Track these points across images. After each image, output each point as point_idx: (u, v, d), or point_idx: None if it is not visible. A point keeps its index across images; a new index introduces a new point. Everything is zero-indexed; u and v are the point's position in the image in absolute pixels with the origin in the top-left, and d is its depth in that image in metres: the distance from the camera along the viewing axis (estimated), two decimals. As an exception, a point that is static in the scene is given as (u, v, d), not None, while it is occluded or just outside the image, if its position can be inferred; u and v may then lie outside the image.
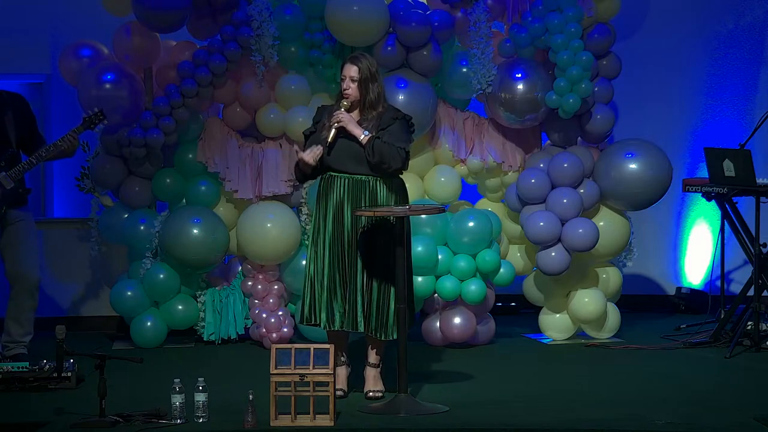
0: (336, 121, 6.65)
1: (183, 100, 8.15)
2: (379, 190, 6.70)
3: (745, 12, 9.61)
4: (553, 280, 8.31)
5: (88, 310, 8.96)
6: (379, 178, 6.69)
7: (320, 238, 6.73)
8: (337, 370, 6.74)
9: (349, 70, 6.70)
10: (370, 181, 6.69)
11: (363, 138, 6.62)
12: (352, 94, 6.70)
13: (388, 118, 6.71)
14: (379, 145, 6.60)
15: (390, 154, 6.61)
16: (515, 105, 8.22)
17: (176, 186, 8.41)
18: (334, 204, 6.70)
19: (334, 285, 6.68)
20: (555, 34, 8.06)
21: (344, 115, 6.66)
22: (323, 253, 6.71)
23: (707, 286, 9.34)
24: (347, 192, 6.68)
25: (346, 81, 6.71)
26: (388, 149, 6.60)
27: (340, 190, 6.69)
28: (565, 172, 8.12)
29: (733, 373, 7.39)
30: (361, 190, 6.68)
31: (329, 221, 6.70)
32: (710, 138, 9.44)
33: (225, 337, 8.37)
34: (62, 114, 9.00)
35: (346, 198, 6.68)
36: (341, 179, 6.70)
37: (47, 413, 6.34)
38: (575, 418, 6.20)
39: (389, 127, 6.67)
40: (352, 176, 6.69)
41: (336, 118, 6.66)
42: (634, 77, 9.12)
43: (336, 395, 6.63)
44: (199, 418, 6.11)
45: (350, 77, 6.70)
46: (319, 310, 6.70)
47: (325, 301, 6.68)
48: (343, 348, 6.84)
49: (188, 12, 8.09)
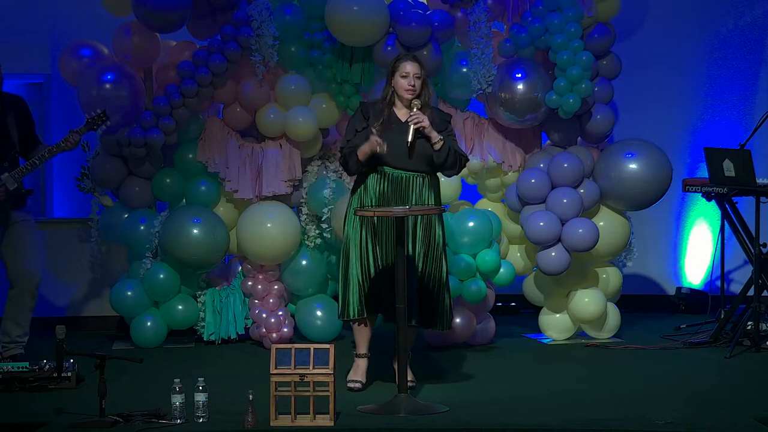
0: (416, 120, 6.65)
1: (183, 100, 8.15)
2: (417, 186, 6.76)
3: (745, 12, 9.61)
4: (553, 280, 8.31)
5: (88, 310, 8.96)
6: (426, 176, 6.77)
7: (365, 232, 6.76)
8: (359, 362, 6.87)
9: (413, 67, 6.74)
10: (416, 178, 6.75)
11: (438, 142, 6.68)
12: (418, 90, 6.73)
13: (440, 120, 6.81)
14: (452, 152, 6.71)
15: (458, 161, 6.76)
16: (515, 105, 8.22)
17: (176, 186, 8.42)
18: (380, 199, 6.74)
19: (382, 279, 6.72)
20: (555, 34, 8.06)
21: (423, 115, 6.67)
22: (370, 247, 6.75)
23: (707, 286, 9.34)
24: (391, 187, 6.73)
25: (409, 78, 6.71)
26: (457, 157, 6.74)
27: (384, 185, 6.74)
28: (565, 172, 8.12)
29: (733, 373, 7.39)
30: (404, 186, 6.73)
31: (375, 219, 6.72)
32: (710, 138, 9.44)
33: (225, 337, 8.37)
34: (62, 114, 9.01)
35: (389, 192, 6.73)
36: (389, 175, 6.74)
37: (47, 413, 6.34)
38: (575, 418, 6.20)
39: (446, 130, 6.79)
40: (403, 172, 6.74)
41: (416, 117, 6.65)
42: (634, 77, 9.12)
43: (354, 388, 6.68)
44: (199, 418, 6.11)
45: (414, 74, 6.72)
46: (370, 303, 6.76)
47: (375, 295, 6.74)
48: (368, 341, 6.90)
49: (188, 12, 8.09)
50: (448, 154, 6.70)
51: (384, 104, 6.79)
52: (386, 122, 6.73)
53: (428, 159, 6.74)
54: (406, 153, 6.69)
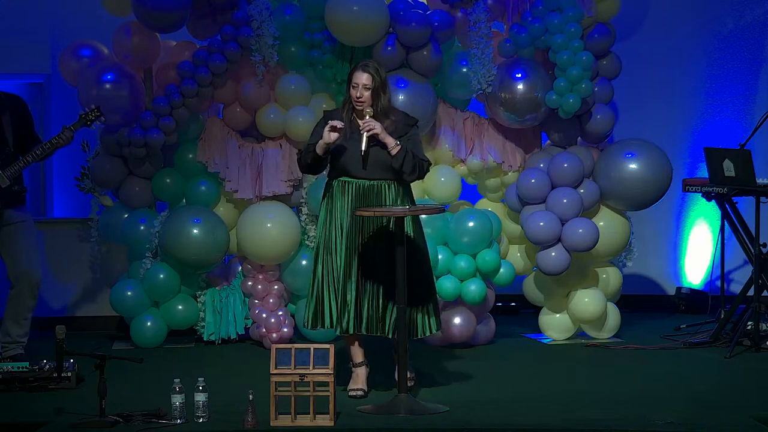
0: (368, 128, 6.56)
1: (183, 100, 8.15)
2: (390, 194, 6.67)
3: (745, 12, 9.61)
4: (553, 280, 8.31)
5: (89, 310, 8.96)
6: (393, 182, 6.68)
7: (332, 243, 6.67)
8: (358, 371, 6.79)
9: (361, 77, 6.62)
10: (383, 185, 6.67)
11: (395, 148, 6.58)
12: (366, 102, 6.64)
13: (404, 125, 6.70)
14: (410, 157, 6.59)
15: (419, 166, 6.63)
16: (515, 105, 8.22)
17: (176, 186, 8.41)
18: (346, 208, 6.65)
19: (350, 289, 6.62)
20: (555, 34, 8.06)
21: (376, 123, 6.58)
22: (338, 258, 6.66)
23: (707, 286, 9.34)
24: (359, 196, 6.65)
25: (358, 89, 6.62)
26: (416, 162, 6.61)
27: (351, 195, 6.65)
28: (565, 172, 8.12)
29: (733, 373, 7.39)
30: (373, 194, 6.65)
31: (344, 226, 6.65)
32: (710, 138, 9.44)
33: (225, 337, 8.37)
34: (62, 114, 8.99)
35: (358, 202, 6.63)
36: (354, 184, 6.66)
37: (47, 413, 6.34)
38: (575, 418, 6.20)
39: (408, 134, 6.67)
40: (367, 181, 6.65)
41: (368, 125, 6.56)
42: (634, 77, 9.12)
43: (357, 395, 6.64)
44: (199, 418, 6.11)
45: (363, 85, 6.62)
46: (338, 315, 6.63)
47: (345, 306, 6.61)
48: (362, 348, 6.83)
49: (188, 12, 8.09)
50: (404, 159, 6.56)
51: (344, 112, 6.72)
52: (347, 130, 6.63)
53: (388, 166, 6.62)
54: (377, 163, 6.61)
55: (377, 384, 6.88)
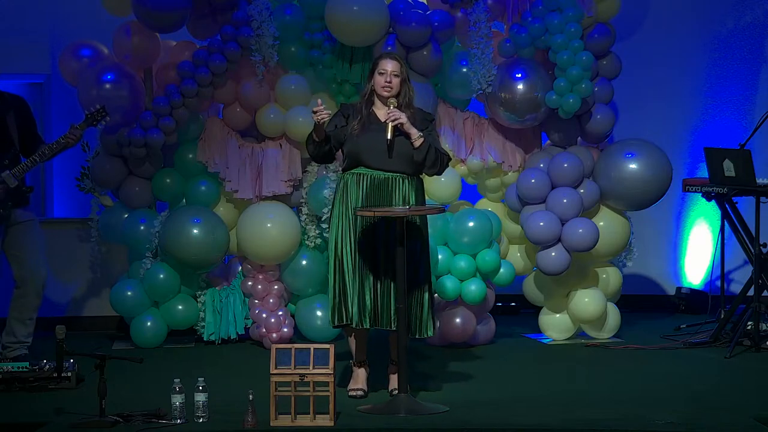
0: (393, 118, 6.50)
1: (183, 100, 8.15)
2: (404, 188, 6.62)
3: (745, 12, 9.61)
4: (553, 280, 8.31)
5: (88, 310, 8.96)
6: (408, 176, 6.63)
7: (347, 236, 6.62)
8: (358, 371, 6.78)
9: (390, 64, 6.59)
10: (398, 179, 6.62)
11: (418, 139, 6.54)
12: (394, 89, 6.59)
13: (422, 119, 6.66)
14: (433, 149, 6.55)
15: (440, 160, 6.60)
16: (515, 105, 8.22)
17: (176, 186, 8.42)
18: (361, 201, 6.59)
19: (363, 284, 6.59)
20: (555, 34, 8.06)
21: (400, 113, 6.52)
22: (351, 252, 6.61)
23: (707, 286, 9.34)
24: (373, 188, 6.60)
25: (387, 75, 6.57)
26: (437, 155, 6.57)
27: (365, 187, 6.60)
28: (565, 172, 8.12)
29: (733, 373, 7.39)
30: (387, 188, 6.60)
31: (358, 218, 6.60)
32: (710, 138, 9.45)
33: (225, 337, 8.37)
34: (62, 114, 9.01)
35: (371, 194, 6.58)
36: (369, 176, 6.61)
37: (47, 413, 6.34)
38: (575, 418, 6.20)
39: (427, 129, 6.63)
40: (382, 173, 6.60)
41: (393, 114, 6.50)
42: (634, 77, 9.12)
43: (357, 395, 6.63)
44: (199, 418, 6.11)
45: (392, 72, 6.58)
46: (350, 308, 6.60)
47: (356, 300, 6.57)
48: (365, 348, 6.82)
49: (188, 12, 8.09)
50: (428, 151, 6.53)
51: (363, 102, 6.68)
52: (365, 121, 6.60)
53: (409, 158, 6.57)
54: (385, 153, 6.55)
55: (377, 384, 6.88)
